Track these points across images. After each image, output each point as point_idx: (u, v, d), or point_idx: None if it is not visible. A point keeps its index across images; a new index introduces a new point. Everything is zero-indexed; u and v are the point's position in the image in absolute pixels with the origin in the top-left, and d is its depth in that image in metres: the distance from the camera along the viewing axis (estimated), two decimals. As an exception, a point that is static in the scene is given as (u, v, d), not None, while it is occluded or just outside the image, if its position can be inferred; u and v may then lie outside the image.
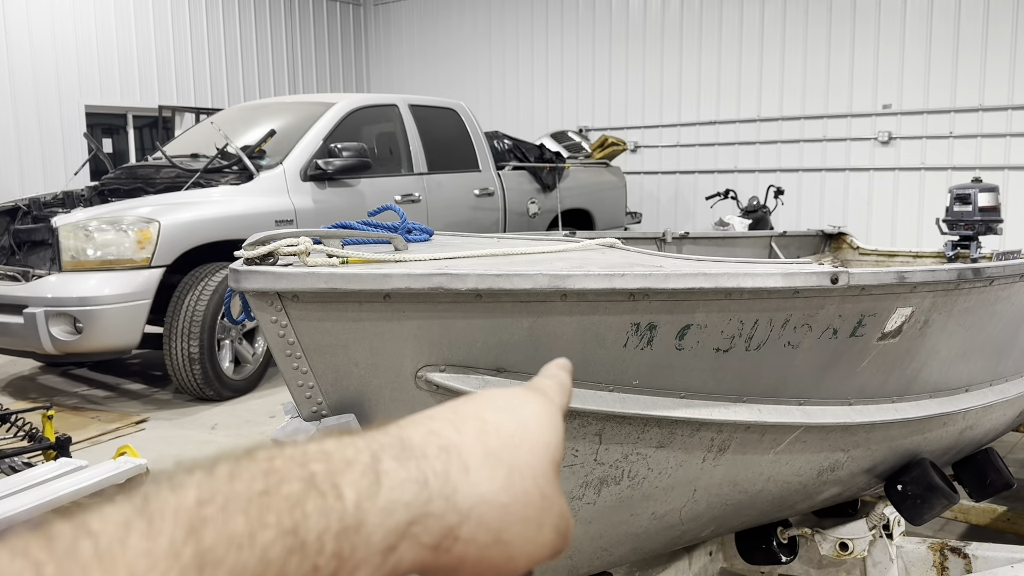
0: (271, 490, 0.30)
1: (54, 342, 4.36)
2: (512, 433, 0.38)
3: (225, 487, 0.29)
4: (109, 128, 10.05)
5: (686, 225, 9.54)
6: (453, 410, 0.38)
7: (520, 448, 0.37)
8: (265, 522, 0.29)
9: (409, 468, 0.33)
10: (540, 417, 0.40)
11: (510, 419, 0.39)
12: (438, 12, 12.21)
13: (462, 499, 0.34)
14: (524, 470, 0.37)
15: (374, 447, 0.33)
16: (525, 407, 0.40)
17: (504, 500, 0.35)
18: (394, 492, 0.32)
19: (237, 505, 0.29)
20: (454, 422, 0.37)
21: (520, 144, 7.64)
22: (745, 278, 1.55)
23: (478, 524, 0.34)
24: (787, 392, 1.80)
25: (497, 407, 0.39)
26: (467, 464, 0.35)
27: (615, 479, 1.70)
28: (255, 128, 5.76)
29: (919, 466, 2.15)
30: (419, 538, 0.33)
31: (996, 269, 2.01)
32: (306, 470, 0.31)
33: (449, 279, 1.38)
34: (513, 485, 0.36)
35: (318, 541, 0.29)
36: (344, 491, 0.31)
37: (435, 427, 0.36)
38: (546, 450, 0.39)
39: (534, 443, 0.38)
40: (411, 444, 0.35)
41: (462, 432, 0.36)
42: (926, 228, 8.03)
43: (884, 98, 8.60)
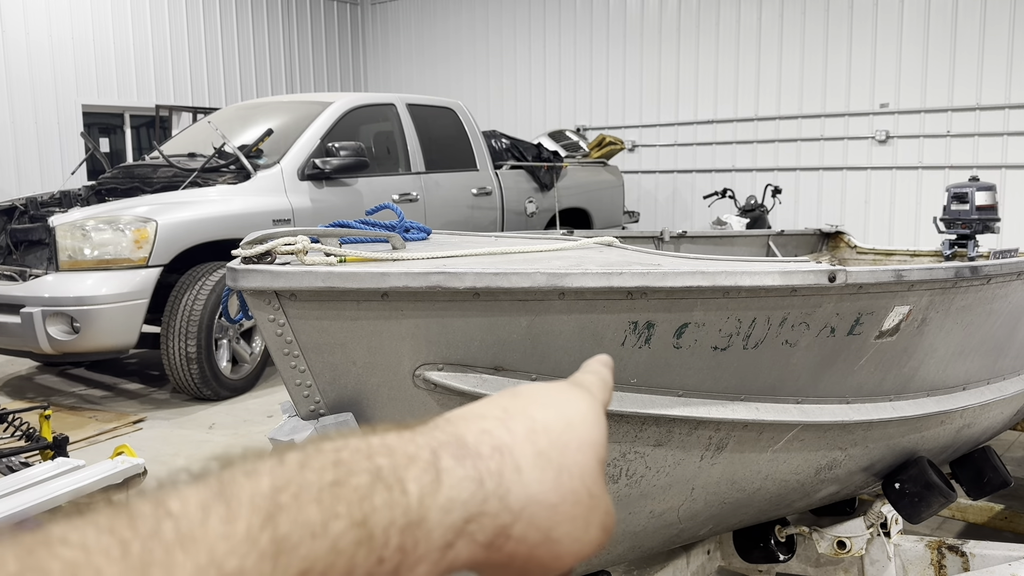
0: (341, 481, 0.30)
1: (51, 342, 4.35)
2: (561, 432, 0.38)
3: (298, 476, 0.29)
4: (106, 127, 10.03)
5: (684, 224, 9.54)
6: (503, 408, 0.39)
7: (568, 447, 0.38)
8: (336, 512, 0.29)
9: (466, 467, 0.34)
10: (586, 415, 0.41)
11: (557, 417, 0.39)
12: (435, 11, 12.21)
13: (514, 499, 0.35)
14: (573, 469, 0.37)
15: (433, 444, 0.34)
16: (571, 404, 0.41)
17: (554, 500, 0.36)
18: (453, 490, 0.33)
19: (310, 494, 0.29)
20: (504, 420, 0.37)
21: (518, 143, 7.64)
22: (743, 276, 1.55)
23: (529, 523, 0.35)
24: (785, 390, 1.80)
25: (544, 404, 0.40)
26: (519, 464, 0.35)
27: (613, 477, 1.70)
28: (252, 127, 5.76)
29: (917, 464, 2.16)
30: (474, 536, 0.33)
31: (993, 267, 2.01)
32: (373, 463, 0.31)
33: (447, 278, 1.38)
34: (562, 485, 0.37)
35: (384, 534, 0.30)
36: (408, 486, 0.32)
37: (487, 426, 0.37)
38: (593, 449, 0.39)
39: (581, 442, 0.39)
40: (466, 443, 0.35)
41: (513, 431, 0.37)
42: (923, 227, 8.06)
43: (881, 97, 8.60)
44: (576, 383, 0.44)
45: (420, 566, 0.31)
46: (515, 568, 0.35)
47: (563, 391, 0.42)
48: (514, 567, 0.35)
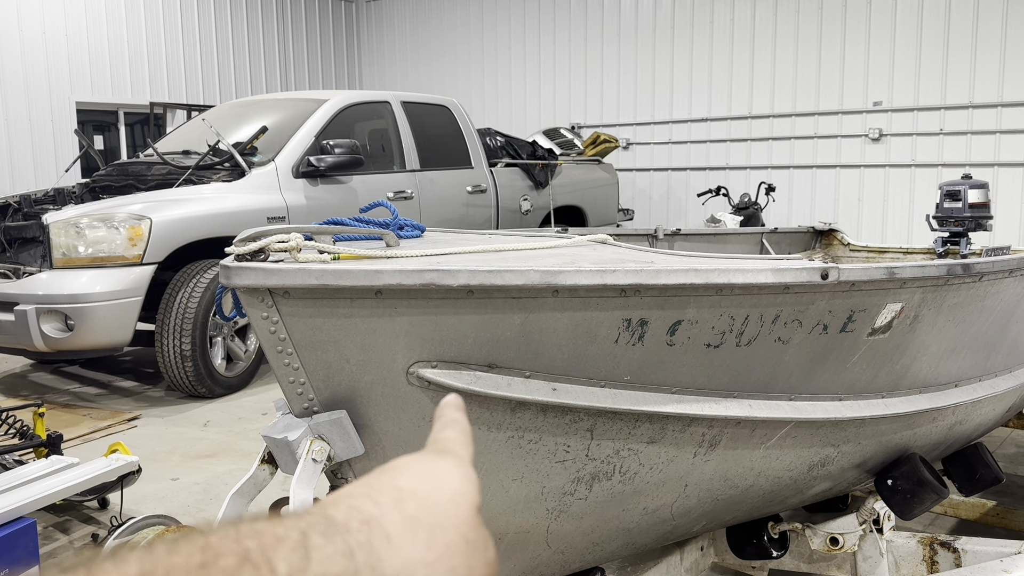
0: (208, 563, 0.31)
1: (45, 339, 4.34)
2: (428, 493, 0.40)
3: (165, 560, 0.31)
4: (100, 125, 9.99)
5: (678, 222, 9.56)
6: (368, 484, 0.40)
7: (439, 504, 0.40)
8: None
9: (336, 542, 0.35)
10: (452, 472, 0.43)
11: (424, 480, 0.41)
12: (430, 8, 12.19)
13: (388, 566, 0.36)
14: (445, 523, 0.39)
15: (302, 525, 0.35)
16: (436, 468, 0.43)
17: (429, 558, 0.37)
18: (324, 565, 0.34)
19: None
20: (370, 495, 0.39)
21: (512, 141, 7.64)
22: (736, 274, 1.55)
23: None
24: (777, 387, 1.80)
25: (409, 473, 0.42)
26: (388, 532, 0.37)
27: (606, 474, 1.70)
28: (247, 125, 5.74)
29: (909, 461, 2.16)
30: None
31: (985, 265, 2.02)
32: (240, 546, 0.33)
33: (440, 275, 1.38)
34: (436, 542, 0.38)
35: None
36: (277, 565, 0.32)
37: (355, 503, 0.38)
38: (463, 497, 0.41)
39: (451, 496, 0.41)
40: (335, 520, 0.36)
41: (380, 503, 0.38)
42: (916, 224, 8.09)
43: (875, 95, 8.62)
44: (437, 450, 0.46)
45: None
46: None
47: (426, 460, 0.44)
48: None
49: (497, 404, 1.51)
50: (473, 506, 0.42)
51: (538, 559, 1.81)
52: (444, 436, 0.47)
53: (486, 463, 1.57)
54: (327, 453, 1.40)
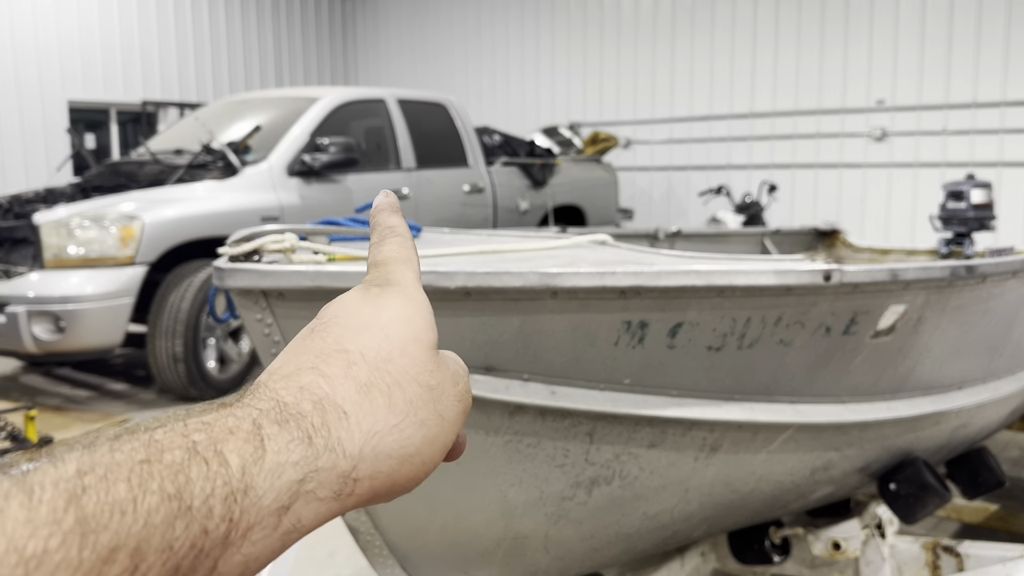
0: (152, 459, 0.30)
1: (36, 341, 4.30)
2: (377, 351, 0.38)
3: (106, 457, 0.29)
4: (92, 123, 9.94)
5: (679, 222, 9.53)
6: (315, 353, 0.38)
7: (391, 360, 0.38)
8: (148, 488, 0.29)
9: (290, 429, 0.34)
10: (399, 313, 0.40)
11: (371, 337, 0.39)
12: (427, 4, 12.16)
13: (348, 444, 0.35)
14: (402, 380, 0.38)
15: (254, 415, 0.34)
16: (381, 313, 0.40)
17: (393, 421, 0.36)
18: (280, 455, 0.33)
19: (119, 473, 0.29)
20: (319, 368, 0.37)
21: (511, 140, 7.61)
22: (737, 276, 1.52)
23: (375, 458, 0.35)
24: (779, 391, 1.78)
25: (354, 329, 0.39)
26: (344, 409, 0.36)
27: (606, 479, 1.67)
28: (240, 123, 5.70)
29: (912, 465, 2.14)
30: (315, 493, 0.33)
31: (989, 266, 2.00)
32: (188, 440, 0.31)
33: (437, 277, 1.35)
34: (396, 402, 0.37)
35: (205, 505, 0.30)
36: (228, 457, 0.32)
37: (304, 382, 0.36)
38: (417, 344, 0.39)
39: (403, 347, 0.39)
40: (286, 404, 0.35)
41: (330, 377, 0.37)
42: (920, 225, 8.07)
43: (878, 94, 8.60)
44: (379, 280, 0.42)
45: (253, 532, 0.31)
46: (384, 495, 0.36)
47: (367, 302, 0.41)
48: (382, 496, 0.36)
49: (495, 408, 1.49)
50: (428, 348, 0.40)
51: (536, 565, 1.79)
52: (383, 256, 0.43)
53: (484, 468, 1.55)
54: (320, 459, 1.37)
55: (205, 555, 0.30)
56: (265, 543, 0.32)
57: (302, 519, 0.33)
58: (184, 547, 0.29)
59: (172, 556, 0.29)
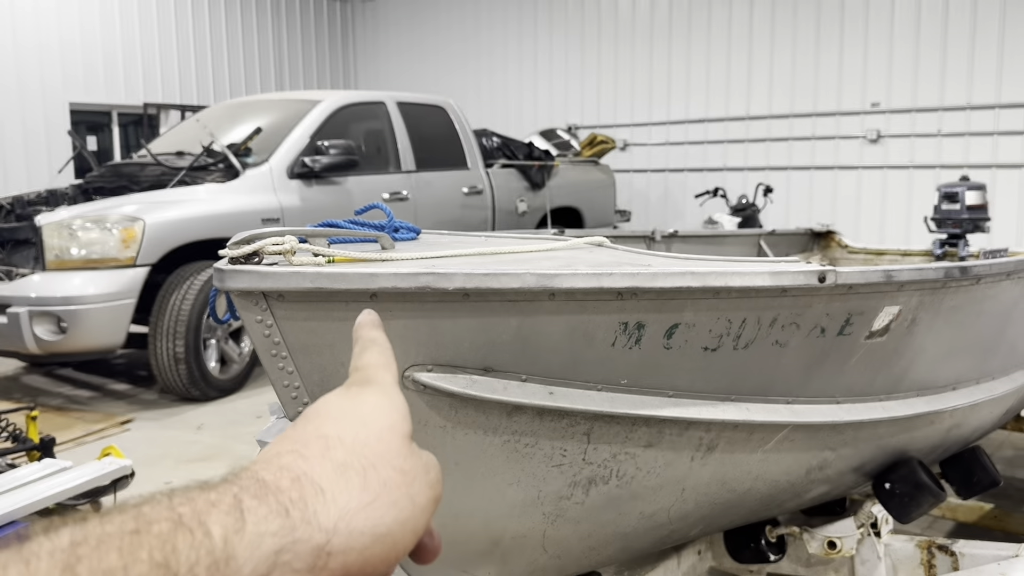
0: (141, 529, 0.32)
1: (38, 342, 4.31)
2: (355, 436, 0.40)
3: (97, 529, 0.31)
4: (94, 126, 9.96)
5: (675, 223, 9.53)
6: (293, 440, 0.40)
7: (368, 445, 0.40)
8: (137, 557, 0.31)
9: (269, 503, 0.36)
10: (377, 406, 0.43)
11: (349, 424, 0.41)
12: (426, 8, 12.18)
13: (324, 518, 0.37)
14: (377, 463, 0.40)
15: (234, 490, 0.36)
16: (360, 406, 0.43)
17: (367, 499, 0.38)
18: (259, 525, 0.35)
19: (110, 544, 0.31)
20: (298, 451, 0.39)
21: (509, 142, 7.63)
22: (733, 277, 1.54)
23: (348, 533, 0.37)
24: (775, 391, 1.79)
25: (334, 418, 0.42)
26: (320, 485, 0.37)
27: (603, 479, 1.69)
28: (241, 125, 5.72)
29: (907, 464, 2.16)
30: (291, 564, 0.35)
31: (983, 267, 2.01)
32: (174, 512, 0.33)
33: (436, 278, 1.37)
34: (370, 482, 0.39)
35: (190, 573, 0.32)
36: (212, 528, 0.33)
37: (283, 462, 0.38)
38: (392, 432, 0.42)
39: (379, 433, 0.41)
40: (266, 482, 0.37)
41: (308, 458, 0.39)
42: (914, 226, 8.07)
43: (872, 96, 8.63)
44: (359, 381, 0.45)
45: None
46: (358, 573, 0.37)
47: (347, 397, 0.44)
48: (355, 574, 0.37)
49: (493, 408, 1.50)
50: (403, 437, 0.42)
51: (534, 564, 1.80)
52: (364, 362, 0.47)
53: (482, 467, 1.56)
54: (321, 458, 1.39)
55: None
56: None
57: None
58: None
59: None
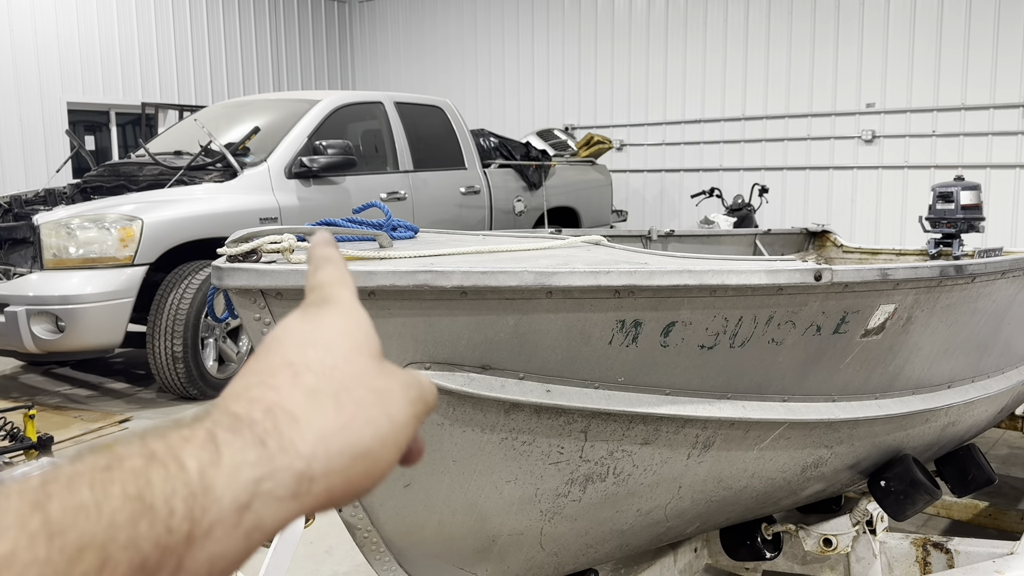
0: (113, 466, 0.32)
1: (36, 341, 4.31)
2: (321, 361, 0.40)
3: (69, 468, 0.32)
4: (91, 125, 9.95)
5: (672, 223, 9.56)
6: (259, 371, 0.40)
7: (335, 368, 0.40)
8: (110, 492, 0.31)
9: (244, 435, 0.36)
10: (339, 327, 0.42)
11: (314, 350, 0.41)
12: (424, 9, 12.18)
13: (301, 445, 0.36)
14: (348, 384, 0.39)
15: (207, 425, 0.36)
16: (320, 328, 0.42)
17: (342, 421, 0.38)
18: (235, 457, 0.34)
19: (81, 480, 0.31)
20: (266, 382, 0.39)
21: (506, 142, 7.63)
22: (729, 275, 1.55)
23: (327, 457, 0.37)
24: (771, 389, 1.80)
25: (297, 344, 0.41)
26: (293, 414, 0.37)
27: (600, 476, 1.70)
28: (239, 125, 5.72)
29: (902, 462, 2.17)
30: (273, 493, 0.35)
31: (978, 266, 2.02)
32: (146, 448, 0.33)
33: (434, 276, 1.37)
34: (343, 404, 0.38)
35: (166, 505, 0.32)
36: (186, 462, 0.33)
37: (254, 395, 0.38)
38: (358, 352, 0.41)
39: (346, 355, 0.41)
40: (238, 416, 0.37)
41: (277, 388, 0.38)
42: (909, 226, 8.11)
43: (868, 97, 8.65)
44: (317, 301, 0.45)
45: (216, 530, 0.33)
46: (341, 496, 0.37)
47: (307, 319, 0.43)
48: (339, 496, 0.37)
49: (491, 406, 1.51)
50: (371, 355, 0.42)
51: (532, 561, 1.81)
52: (320, 280, 0.46)
53: (480, 465, 1.57)
54: (319, 455, 1.39)
55: (170, 552, 0.31)
56: (228, 542, 0.33)
57: (263, 518, 0.35)
58: (149, 545, 0.31)
59: (138, 553, 0.30)
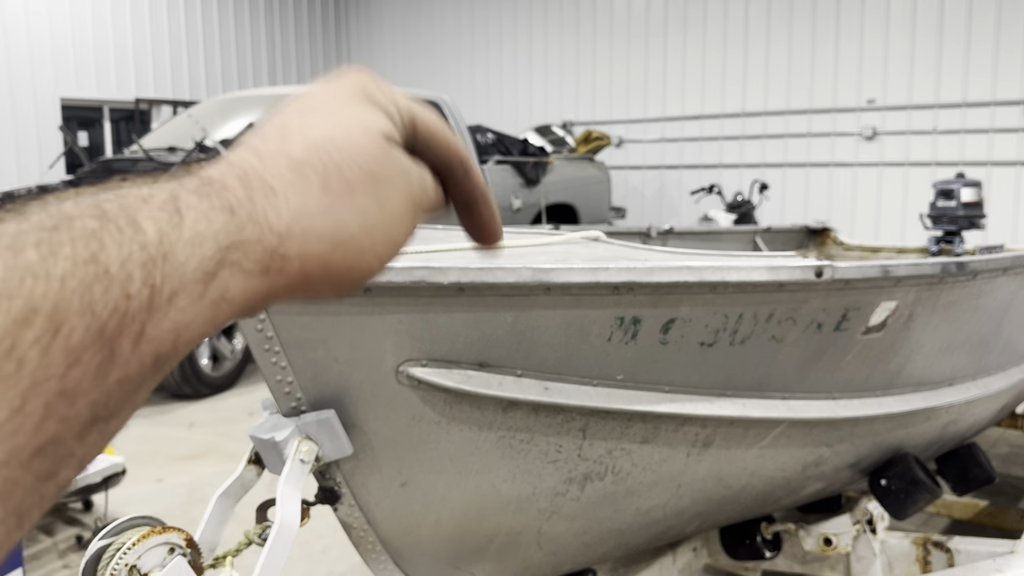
0: (61, 226, 0.29)
1: (29, 338, 4.28)
2: (321, 130, 0.37)
3: (11, 227, 0.29)
4: (85, 121, 9.90)
5: (671, 220, 9.55)
6: (257, 133, 0.37)
7: (332, 142, 0.37)
8: (59, 254, 0.28)
9: (211, 200, 0.33)
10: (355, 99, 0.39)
11: (317, 116, 0.38)
12: (421, 3, 12.14)
13: (275, 219, 0.34)
14: (341, 162, 0.36)
15: (172, 186, 0.33)
16: (334, 95, 0.39)
17: (326, 202, 0.35)
18: (199, 224, 0.32)
19: (26, 240, 0.28)
20: (255, 146, 0.36)
21: (504, 138, 7.61)
22: (729, 272, 1.53)
23: (305, 237, 0.34)
24: (771, 386, 1.78)
25: (304, 108, 0.38)
26: (272, 186, 0.35)
27: (599, 475, 1.68)
28: (234, 121, 5.69)
29: (903, 461, 2.15)
30: (241, 264, 0.33)
31: (979, 263, 2.01)
32: (99, 208, 0.31)
33: (431, 272, 1.36)
34: (331, 183, 0.36)
35: (123, 270, 0.29)
36: (143, 224, 0.31)
37: (235, 158, 0.36)
38: (364, 131, 0.38)
39: (348, 130, 0.37)
40: (211, 179, 0.34)
41: (263, 153, 0.36)
42: (910, 223, 8.10)
43: (868, 93, 8.63)
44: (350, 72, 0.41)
45: (178, 298, 0.31)
46: (318, 282, 0.35)
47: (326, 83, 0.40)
48: (316, 282, 0.35)
49: (488, 404, 1.49)
50: (377, 135, 0.38)
51: (529, 560, 1.79)
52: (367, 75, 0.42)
53: (477, 463, 1.55)
54: (315, 454, 1.37)
55: (130, 319, 0.29)
56: (193, 311, 0.31)
57: (230, 289, 0.33)
58: (106, 310, 0.29)
59: (94, 319, 0.28)
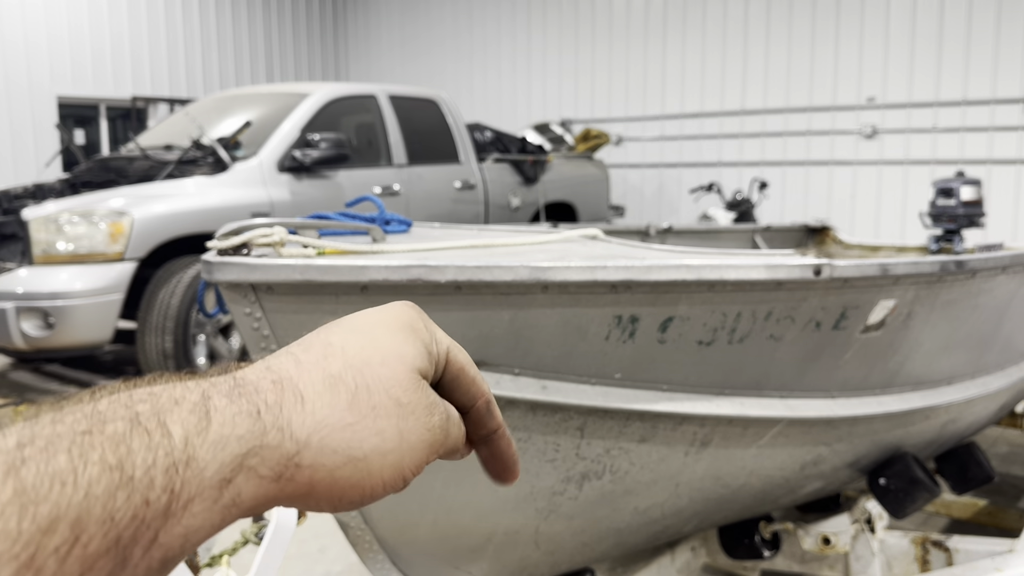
0: (94, 430, 0.30)
1: (25, 338, 4.26)
2: (359, 352, 0.39)
3: (47, 430, 0.29)
4: (81, 119, 9.87)
5: (670, 219, 9.54)
6: (303, 342, 0.39)
7: (368, 365, 0.38)
8: (89, 459, 0.29)
9: (240, 404, 0.34)
10: (397, 331, 0.41)
11: (359, 337, 0.40)
12: (419, 1, 12.12)
13: (298, 427, 0.35)
14: (373, 385, 0.38)
15: (205, 386, 0.34)
16: (379, 323, 0.41)
17: (349, 419, 0.36)
18: (225, 427, 0.33)
19: (59, 445, 0.29)
20: (296, 355, 0.38)
21: (502, 136, 7.59)
22: (728, 270, 1.52)
23: (320, 449, 0.35)
24: (770, 385, 1.78)
25: (348, 328, 0.40)
26: (302, 393, 0.36)
27: (597, 474, 1.67)
28: (230, 119, 5.67)
29: (901, 460, 2.15)
30: (256, 470, 0.33)
31: (978, 262, 2.00)
32: (131, 410, 0.31)
33: (428, 271, 1.35)
34: (359, 402, 0.37)
35: (146, 476, 0.30)
36: (171, 428, 0.31)
37: (273, 363, 0.37)
38: (400, 361, 0.39)
39: (385, 357, 0.39)
40: (244, 381, 0.35)
41: (301, 362, 0.37)
42: (910, 222, 8.09)
43: (868, 91, 8.62)
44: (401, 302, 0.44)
45: (194, 504, 0.31)
46: (321, 494, 0.36)
47: (373, 309, 0.42)
48: (319, 493, 0.36)
49: (485, 403, 1.48)
50: (411, 367, 0.40)
51: (527, 560, 1.79)
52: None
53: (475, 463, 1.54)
54: (309, 454, 1.36)
55: (146, 526, 0.30)
56: (205, 516, 0.32)
57: (242, 494, 0.33)
58: (125, 518, 0.29)
59: (113, 527, 0.29)
